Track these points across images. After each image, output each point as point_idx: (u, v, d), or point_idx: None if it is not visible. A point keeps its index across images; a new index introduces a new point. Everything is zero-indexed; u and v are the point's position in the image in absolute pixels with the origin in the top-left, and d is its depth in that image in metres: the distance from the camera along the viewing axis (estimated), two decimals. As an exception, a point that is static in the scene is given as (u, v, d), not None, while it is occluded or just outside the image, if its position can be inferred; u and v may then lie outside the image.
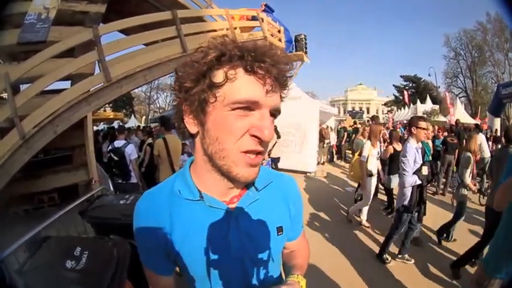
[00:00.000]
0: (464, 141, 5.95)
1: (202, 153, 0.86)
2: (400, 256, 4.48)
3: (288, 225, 1.05)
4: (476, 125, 13.23)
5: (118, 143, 5.88)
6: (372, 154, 5.64)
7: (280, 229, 0.99)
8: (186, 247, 0.90)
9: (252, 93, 0.75)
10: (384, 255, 4.46)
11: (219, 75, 0.76)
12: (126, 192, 4.32)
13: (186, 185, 0.92)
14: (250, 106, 0.76)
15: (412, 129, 4.14)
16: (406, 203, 4.06)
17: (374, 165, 5.77)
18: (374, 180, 5.86)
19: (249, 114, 0.77)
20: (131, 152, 5.74)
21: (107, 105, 12.80)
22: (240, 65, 0.76)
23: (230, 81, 0.75)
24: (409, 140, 4.11)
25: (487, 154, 8.25)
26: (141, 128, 17.26)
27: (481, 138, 8.26)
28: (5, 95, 5.78)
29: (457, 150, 8.32)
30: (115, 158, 5.66)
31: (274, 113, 0.82)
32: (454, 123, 14.24)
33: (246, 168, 0.80)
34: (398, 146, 6.02)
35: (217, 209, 0.90)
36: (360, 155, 5.78)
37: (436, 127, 13.14)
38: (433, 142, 8.77)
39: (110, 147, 5.89)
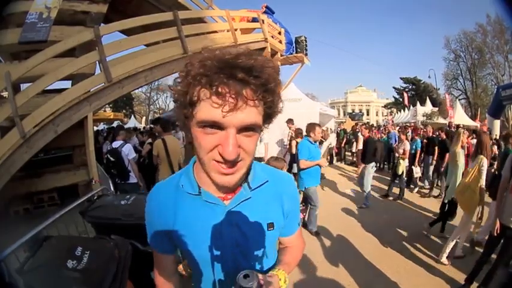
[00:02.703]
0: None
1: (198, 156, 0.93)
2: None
3: (281, 221, 1.11)
4: (474, 130, 13.27)
5: (115, 144, 5.91)
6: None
7: (271, 225, 1.06)
8: (185, 235, 1.03)
9: (208, 115, 0.79)
10: None
11: (194, 94, 0.81)
12: (127, 192, 4.34)
13: (188, 181, 1.03)
14: (216, 125, 0.79)
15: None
16: None
17: None
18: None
19: (217, 132, 0.81)
20: (128, 151, 5.77)
21: (107, 105, 12.79)
22: (206, 84, 0.78)
23: (201, 101, 0.80)
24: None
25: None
26: (140, 130, 17.27)
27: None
28: (5, 94, 5.79)
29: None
30: (111, 158, 5.68)
31: (250, 127, 0.83)
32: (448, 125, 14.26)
33: (220, 176, 0.87)
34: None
35: (212, 203, 1.00)
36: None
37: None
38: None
39: (108, 148, 5.92)
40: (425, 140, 9.49)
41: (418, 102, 28.61)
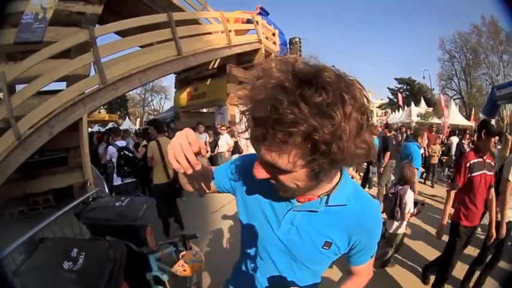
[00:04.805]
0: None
1: None
2: None
3: (342, 247, 1.03)
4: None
5: (121, 143, 5.94)
6: None
7: (328, 244, 1.02)
8: (252, 204, 1.11)
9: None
10: None
11: None
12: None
13: None
14: None
15: None
16: None
17: None
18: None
19: None
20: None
21: (101, 107, 12.78)
22: None
23: None
24: None
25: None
26: (134, 131, 17.23)
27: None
28: (0, 95, 5.78)
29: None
30: (130, 154, 5.73)
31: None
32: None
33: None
34: None
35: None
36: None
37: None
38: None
39: (119, 146, 5.94)
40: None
41: (412, 103, 28.66)
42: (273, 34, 12.89)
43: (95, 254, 2.02)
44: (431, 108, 26.92)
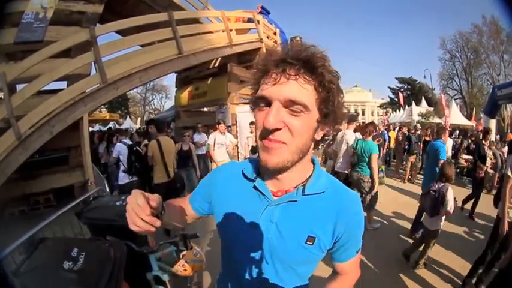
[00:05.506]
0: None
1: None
2: None
3: (326, 241, 1.02)
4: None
5: (127, 141, 5.98)
6: None
7: (311, 239, 0.99)
8: (227, 212, 1.09)
9: (259, 92, 0.92)
10: None
11: (258, 83, 0.96)
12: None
13: (252, 166, 1.09)
14: (264, 100, 0.90)
15: None
16: None
17: None
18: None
19: (267, 109, 0.89)
20: None
21: (102, 106, 12.77)
22: (264, 73, 0.93)
23: (260, 86, 0.95)
24: None
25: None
26: (136, 130, 17.26)
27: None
28: (1, 95, 5.77)
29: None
30: (141, 151, 5.81)
31: (296, 103, 0.87)
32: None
33: (263, 152, 0.92)
34: None
35: (262, 194, 1.02)
36: None
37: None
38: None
39: (129, 143, 5.97)
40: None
41: (413, 102, 28.60)
42: (274, 33, 12.87)
43: (95, 253, 2.01)
44: (432, 108, 26.86)
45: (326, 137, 1.03)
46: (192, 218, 1.27)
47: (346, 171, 6.03)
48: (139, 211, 0.83)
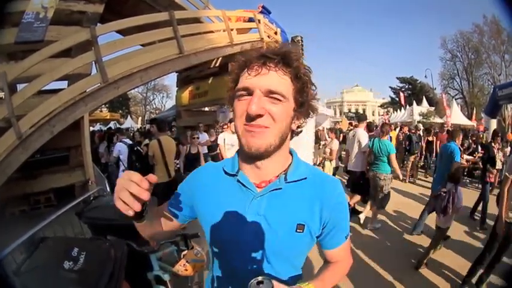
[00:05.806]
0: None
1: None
2: None
3: (314, 227, 1.02)
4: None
5: (129, 141, 5.98)
6: None
7: (300, 227, 1.00)
8: (211, 212, 1.07)
9: (240, 84, 0.98)
10: None
11: (238, 77, 1.03)
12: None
13: (232, 162, 1.11)
14: (246, 90, 0.95)
15: None
16: None
17: None
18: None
19: (248, 98, 0.94)
20: None
21: (103, 105, 12.77)
22: (245, 67, 1.00)
23: (240, 78, 1.00)
24: None
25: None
26: (137, 129, 17.23)
27: None
28: (1, 95, 5.77)
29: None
30: (142, 151, 5.78)
31: (276, 92, 0.93)
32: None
33: (246, 136, 0.95)
34: None
35: (245, 187, 1.03)
36: None
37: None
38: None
39: (129, 142, 5.97)
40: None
41: (414, 102, 28.56)
42: (275, 33, 12.85)
43: (96, 253, 2.01)
44: (433, 108, 26.83)
45: (299, 129, 1.08)
46: (173, 226, 1.24)
47: (359, 170, 6.09)
48: (128, 184, 0.83)
